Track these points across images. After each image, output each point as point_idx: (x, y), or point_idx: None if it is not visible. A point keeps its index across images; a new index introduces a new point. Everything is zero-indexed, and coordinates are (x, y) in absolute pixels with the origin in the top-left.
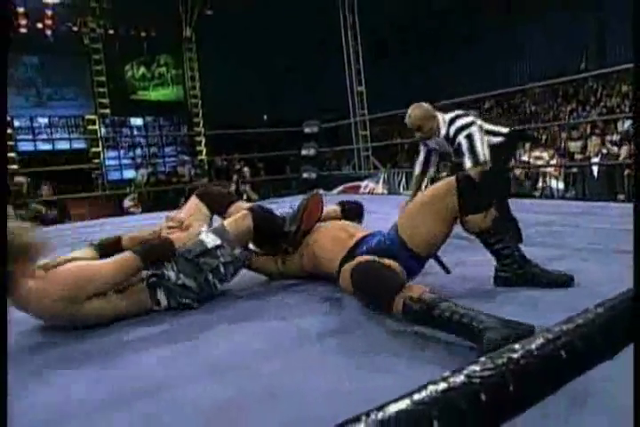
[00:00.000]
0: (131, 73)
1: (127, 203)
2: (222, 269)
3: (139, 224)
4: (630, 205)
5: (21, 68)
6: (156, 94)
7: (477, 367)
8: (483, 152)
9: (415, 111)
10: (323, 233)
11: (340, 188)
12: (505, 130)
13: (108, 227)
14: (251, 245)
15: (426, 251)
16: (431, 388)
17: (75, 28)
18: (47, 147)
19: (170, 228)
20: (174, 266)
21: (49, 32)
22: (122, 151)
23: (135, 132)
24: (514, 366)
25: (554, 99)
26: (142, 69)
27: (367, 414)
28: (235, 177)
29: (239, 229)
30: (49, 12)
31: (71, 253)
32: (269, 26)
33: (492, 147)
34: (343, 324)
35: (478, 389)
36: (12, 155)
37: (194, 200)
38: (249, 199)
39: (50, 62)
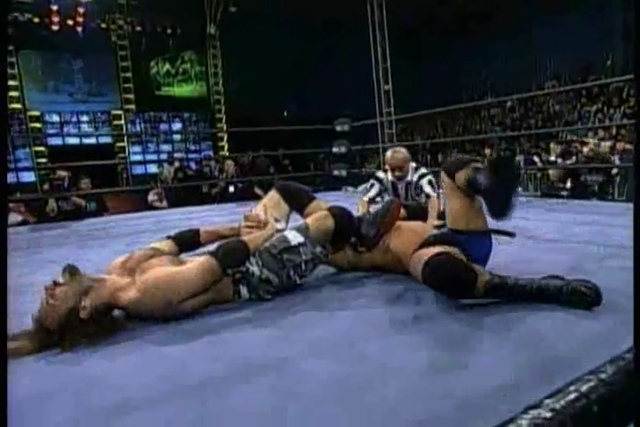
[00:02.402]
0: (156, 69)
1: (151, 197)
2: (303, 266)
3: (185, 217)
4: None
5: (61, 64)
6: (180, 90)
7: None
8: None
9: (402, 153)
10: (399, 232)
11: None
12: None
13: (151, 219)
14: None
15: (460, 225)
16: None
17: (103, 25)
18: (75, 141)
19: (249, 227)
20: (259, 261)
21: (79, 29)
22: (147, 146)
23: (163, 128)
24: None
25: (578, 98)
26: (167, 66)
27: None
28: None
29: (320, 229)
30: (81, 10)
31: (151, 245)
32: (293, 23)
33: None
34: (425, 312)
35: None
36: (41, 149)
37: (273, 194)
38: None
39: (80, 59)
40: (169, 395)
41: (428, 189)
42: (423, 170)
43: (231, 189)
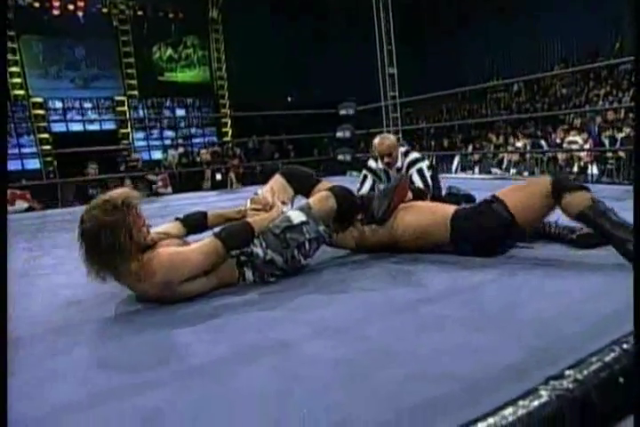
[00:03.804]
0: (158, 54)
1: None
2: (307, 245)
3: (191, 202)
4: None
5: (63, 50)
6: (182, 76)
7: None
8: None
9: (389, 140)
10: (414, 209)
11: None
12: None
13: (157, 205)
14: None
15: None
16: None
17: (104, 10)
18: (79, 127)
19: (255, 210)
20: (262, 242)
21: (80, 13)
22: (150, 132)
23: (167, 114)
24: None
25: (586, 81)
26: (169, 51)
27: None
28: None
29: (323, 210)
30: None
31: (160, 228)
32: (296, 7)
33: None
34: (430, 293)
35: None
36: (45, 135)
37: (278, 178)
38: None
39: (81, 44)
40: (172, 377)
41: (417, 181)
42: (414, 155)
43: (218, 176)
